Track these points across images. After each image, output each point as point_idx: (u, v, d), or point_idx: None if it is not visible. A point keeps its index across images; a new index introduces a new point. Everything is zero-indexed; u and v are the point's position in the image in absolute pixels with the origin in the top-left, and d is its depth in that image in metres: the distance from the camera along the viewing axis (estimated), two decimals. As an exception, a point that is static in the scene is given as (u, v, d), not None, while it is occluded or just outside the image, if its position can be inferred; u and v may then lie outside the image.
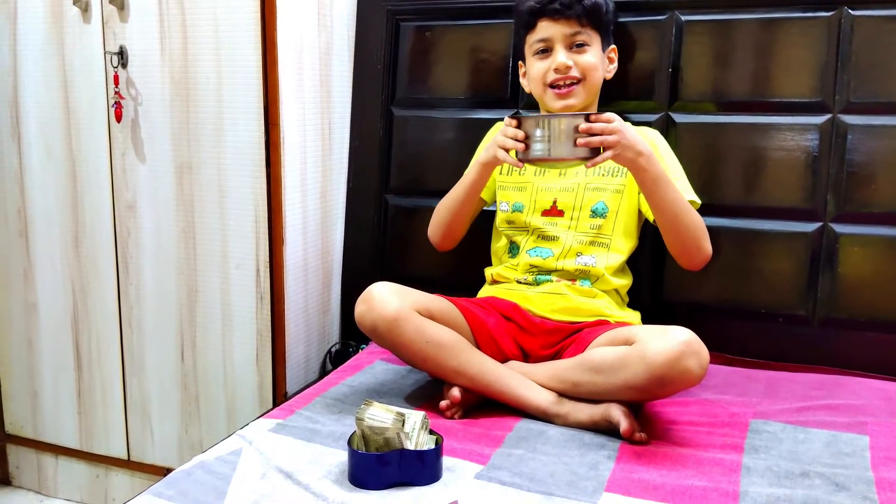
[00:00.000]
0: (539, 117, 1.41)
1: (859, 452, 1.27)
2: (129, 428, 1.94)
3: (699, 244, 1.54)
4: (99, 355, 1.94)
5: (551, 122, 1.38)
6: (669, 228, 1.52)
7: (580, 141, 1.36)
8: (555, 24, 1.59)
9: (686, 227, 1.51)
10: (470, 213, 1.69)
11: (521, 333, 1.55)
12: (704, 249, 1.55)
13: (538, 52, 1.63)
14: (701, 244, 1.54)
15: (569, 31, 1.59)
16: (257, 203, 1.73)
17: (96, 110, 1.83)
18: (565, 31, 1.59)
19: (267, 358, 1.78)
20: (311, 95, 1.82)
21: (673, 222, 1.51)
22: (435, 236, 1.73)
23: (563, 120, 1.38)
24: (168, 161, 1.79)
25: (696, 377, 1.28)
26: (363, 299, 1.44)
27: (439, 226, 1.71)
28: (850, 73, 1.64)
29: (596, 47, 1.62)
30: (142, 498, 1.11)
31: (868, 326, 1.63)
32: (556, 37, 1.60)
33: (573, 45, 1.60)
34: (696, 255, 1.55)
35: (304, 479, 1.15)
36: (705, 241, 1.55)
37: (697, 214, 1.53)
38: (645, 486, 1.17)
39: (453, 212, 1.67)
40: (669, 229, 1.53)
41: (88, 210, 1.88)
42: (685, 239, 1.53)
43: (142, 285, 1.86)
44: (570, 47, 1.60)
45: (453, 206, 1.66)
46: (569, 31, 1.59)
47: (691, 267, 1.58)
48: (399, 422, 1.16)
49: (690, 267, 1.58)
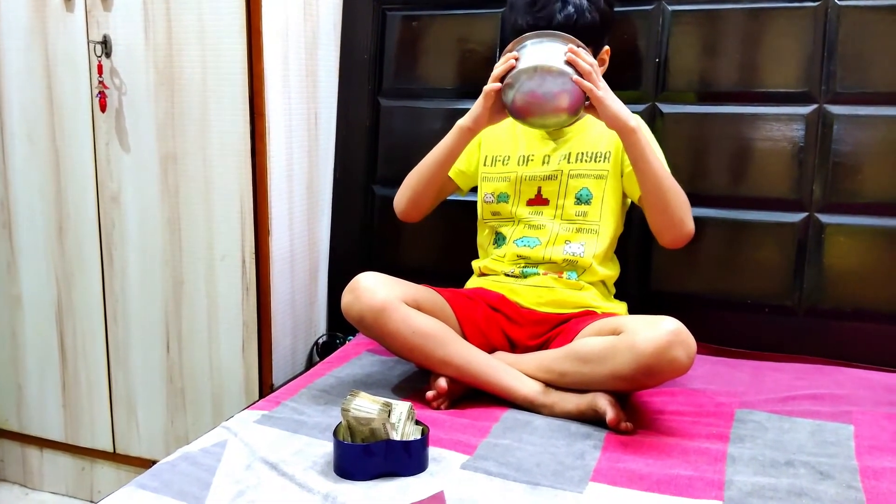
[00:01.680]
0: (532, 34, 1.46)
1: (844, 441, 1.28)
2: (114, 420, 1.93)
3: (683, 218, 1.50)
4: (84, 348, 1.93)
5: (543, 39, 1.44)
6: (654, 200, 1.49)
7: (569, 57, 1.40)
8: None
9: (671, 199, 1.48)
10: (439, 184, 1.65)
11: (509, 324, 1.55)
12: (687, 224, 1.51)
13: None
14: (685, 218, 1.50)
15: None
16: (243, 194, 1.72)
17: (80, 100, 1.81)
18: None
19: (253, 350, 1.77)
20: (296, 85, 1.81)
21: (658, 191, 1.47)
22: (400, 204, 1.69)
23: (555, 37, 1.44)
24: (153, 151, 1.77)
25: (683, 367, 1.28)
26: (350, 289, 1.43)
27: (406, 191, 1.67)
28: (836, 64, 1.64)
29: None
30: (126, 490, 1.10)
31: (853, 316, 1.64)
32: None
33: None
34: (679, 229, 1.50)
35: (289, 471, 1.15)
36: (689, 216, 1.51)
37: (680, 189, 1.50)
38: (630, 475, 1.17)
39: (423, 178, 1.63)
40: (654, 201, 1.49)
41: (72, 201, 1.87)
42: (670, 211, 1.49)
43: (127, 277, 1.85)
44: None
45: (425, 171, 1.63)
46: None
47: (673, 244, 1.53)
48: (385, 412, 1.15)
49: (672, 244, 1.53)
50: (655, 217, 1.52)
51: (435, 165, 1.62)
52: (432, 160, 1.62)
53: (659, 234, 1.53)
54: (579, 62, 1.40)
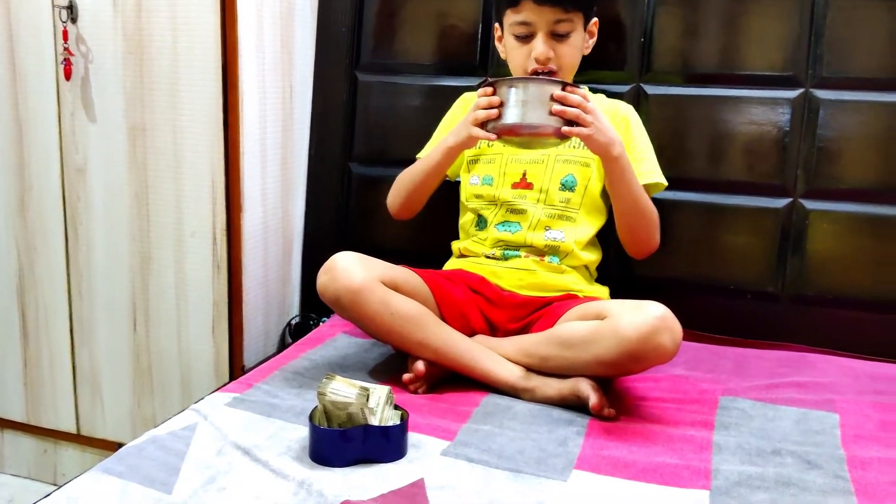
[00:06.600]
0: (513, 80, 1.37)
1: (829, 430, 1.26)
2: (78, 401, 1.86)
3: (650, 236, 1.55)
4: (46, 325, 1.85)
5: (528, 86, 1.34)
6: (625, 218, 1.52)
7: (555, 108, 1.32)
8: (539, 9, 1.51)
9: (641, 218, 1.51)
10: (431, 190, 1.63)
11: (489, 306, 1.51)
12: (653, 242, 1.56)
13: (518, 35, 1.56)
14: (651, 237, 1.55)
15: (553, 17, 1.52)
16: (214, 168, 1.66)
17: (44, 68, 1.73)
18: (549, 17, 1.52)
19: (224, 330, 1.72)
20: (271, 57, 1.74)
21: (631, 213, 1.50)
22: (393, 206, 1.67)
23: (540, 84, 1.34)
24: (120, 122, 1.70)
25: (669, 353, 1.26)
26: (326, 269, 1.38)
27: (398, 197, 1.65)
28: (823, 48, 1.61)
29: (578, 30, 1.55)
30: (90, 475, 1.05)
31: (836, 303, 1.63)
32: (539, 24, 1.52)
33: (555, 33, 1.54)
34: (644, 246, 1.56)
35: (262, 456, 1.10)
36: (656, 233, 1.56)
37: (653, 207, 1.52)
38: (615, 463, 1.14)
39: (415, 187, 1.61)
40: (625, 219, 1.52)
41: (35, 172, 1.79)
42: (638, 230, 1.53)
43: (92, 252, 1.78)
44: (552, 34, 1.54)
45: (415, 181, 1.60)
46: (552, 18, 1.52)
47: (638, 255, 1.58)
48: (363, 396, 1.11)
49: (637, 255, 1.58)
50: (623, 233, 1.56)
51: (424, 178, 1.59)
52: (423, 174, 1.58)
53: (624, 245, 1.58)
54: (566, 111, 1.33)
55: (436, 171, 1.56)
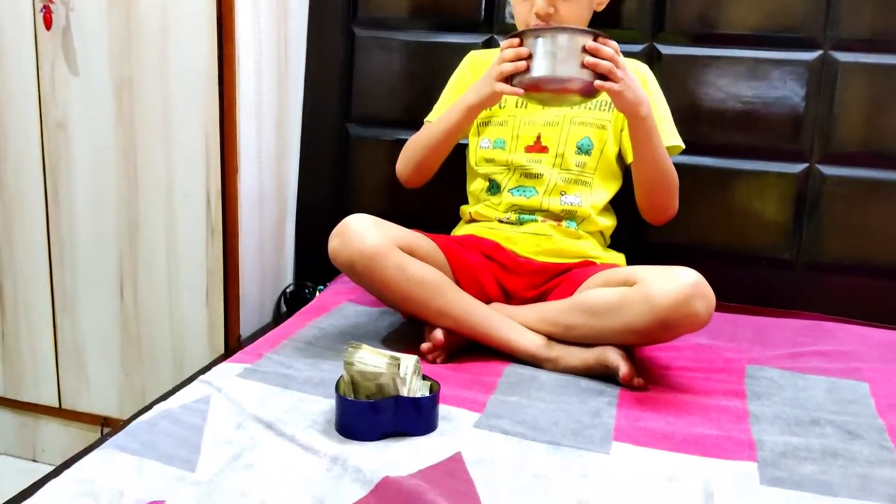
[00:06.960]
0: (541, 30, 1.29)
1: (862, 399, 1.24)
2: (59, 373, 1.75)
3: (670, 202, 1.49)
4: (25, 293, 1.74)
5: (557, 36, 1.26)
6: (646, 183, 1.45)
7: (587, 60, 1.24)
8: None
9: (663, 182, 1.45)
10: (446, 154, 1.53)
11: (505, 273, 1.45)
12: (673, 207, 1.49)
13: None
14: (672, 202, 1.49)
15: None
16: (208, 125, 1.56)
17: (22, 16, 1.60)
18: None
19: (218, 298, 1.63)
20: (266, 6, 1.64)
21: (653, 177, 1.44)
22: (404, 174, 1.59)
23: (571, 34, 1.25)
24: (105, 75, 1.59)
25: (702, 321, 1.21)
26: (338, 232, 1.31)
27: (410, 163, 1.56)
28: (841, 9, 1.57)
29: None
30: (102, 452, 0.96)
31: (851, 271, 1.60)
32: None
33: None
34: (664, 212, 1.50)
35: (287, 430, 1.03)
36: (676, 198, 1.49)
37: (675, 171, 1.46)
38: (654, 434, 1.09)
39: (430, 151, 1.52)
40: (646, 183, 1.45)
41: (12, 128, 1.66)
42: (661, 194, 1.47)
43: (74, 215, 1.67)
44: None
45: (430, 145, 1.51)
46: None
47: (656, 221, 1.52)
48: (394, 366, 1.04)
49: (655, 221, 1.52)
50: (643, 198, 1.48)
51: (440, 141, 1.49)
52: (439, 136, 1.48)
53: (642, 210, 1.51)
54: (599, 63, 1.25)
55: (454, 132, 1.47)
